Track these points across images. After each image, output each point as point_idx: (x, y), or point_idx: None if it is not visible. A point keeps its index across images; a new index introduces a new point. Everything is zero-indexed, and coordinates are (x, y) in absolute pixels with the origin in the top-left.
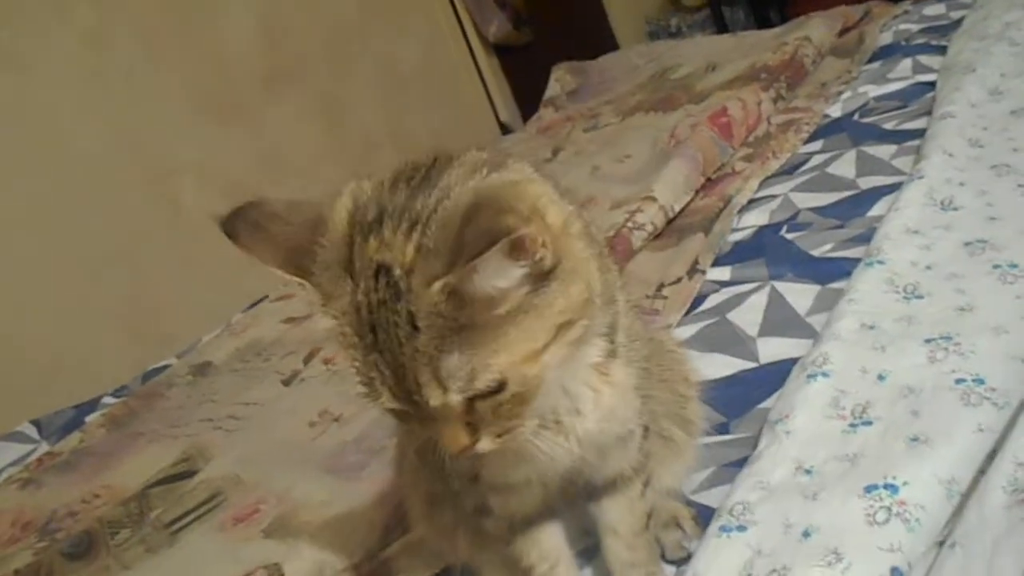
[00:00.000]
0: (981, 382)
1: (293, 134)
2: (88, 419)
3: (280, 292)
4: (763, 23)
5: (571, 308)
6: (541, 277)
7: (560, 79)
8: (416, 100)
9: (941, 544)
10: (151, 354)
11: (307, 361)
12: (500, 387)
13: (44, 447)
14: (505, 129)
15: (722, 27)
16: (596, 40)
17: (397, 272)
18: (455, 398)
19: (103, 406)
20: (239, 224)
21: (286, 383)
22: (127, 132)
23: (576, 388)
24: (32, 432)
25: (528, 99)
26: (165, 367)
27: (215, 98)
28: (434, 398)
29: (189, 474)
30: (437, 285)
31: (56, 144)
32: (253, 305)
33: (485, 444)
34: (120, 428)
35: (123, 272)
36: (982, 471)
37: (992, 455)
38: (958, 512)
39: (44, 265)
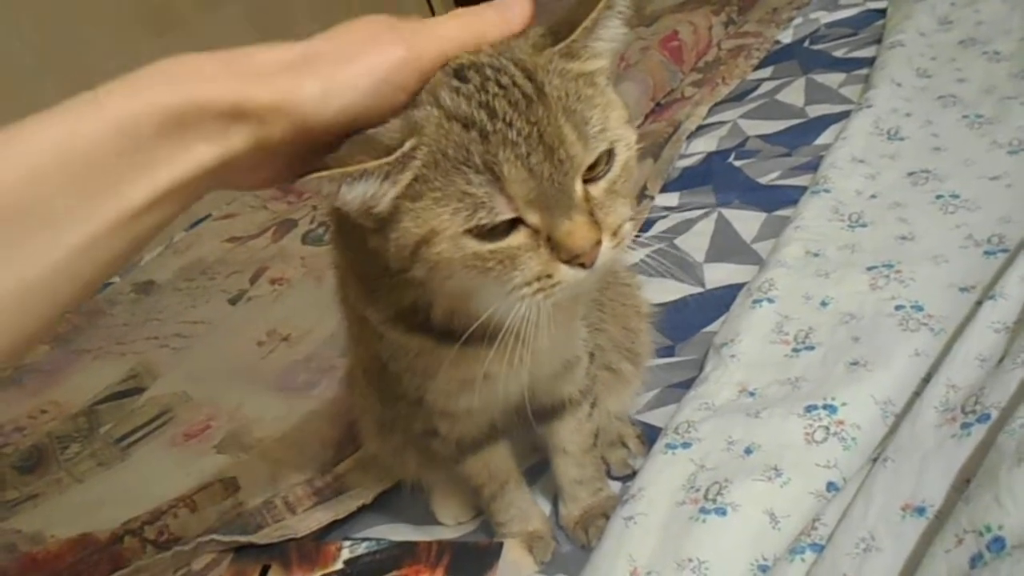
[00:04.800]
0: (920, 309)
1: (230, 46)
2: None
3: (223, 211)
4: None
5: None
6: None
7: None
8: (356, 12)
9: (875, 460)
10: None
11: (253, 280)
12: (611, 153)
13: None
14: None
15: None
16: None
17: (505, 60)
18: (593, 148)
19: None
20: None
21: (232, 302)
22: (57, 45)
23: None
24: None
25: None
26: (106, 285)
27: (149, 7)
28: (578, 154)
29: (137, 391)
30: (558, 48)
31: None
32: (195, 224)
33: (607, 246)
34: (64, 345)
35: None
36: (917, 393)
37: (927, 378)
38: (892, 431)
39: None
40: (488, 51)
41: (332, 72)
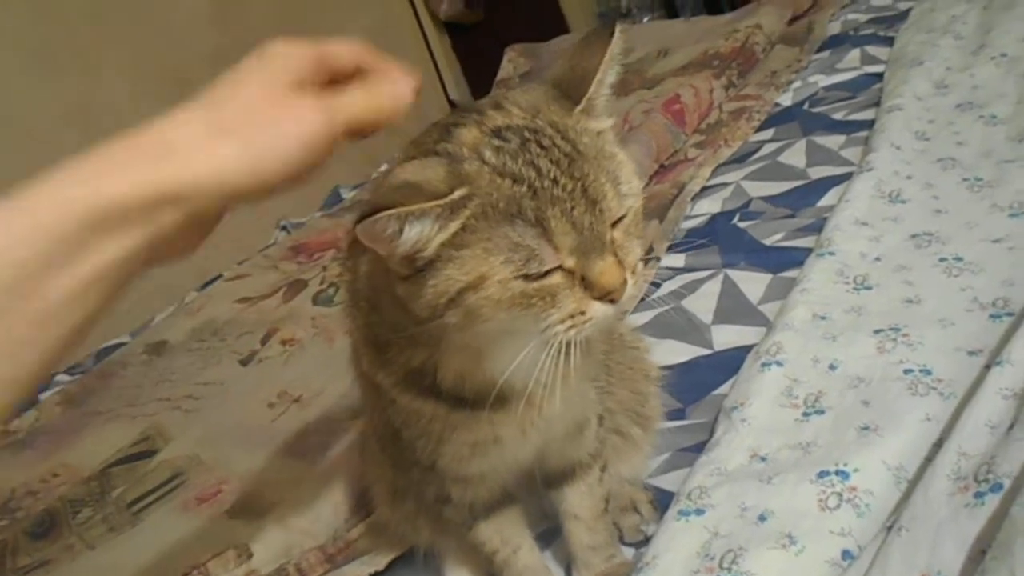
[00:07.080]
0: (928, 373)
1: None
2: (43, 397)
3: (234, 271)
4: (712, 8)
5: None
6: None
7: (513, 60)
8: None
9: (889, 528)
10: (103, 332)
11: (264, 341)
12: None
13: None
14: (454, 107)
15: (672, 11)
16: (547, 19)
17: (540, 122)
18: (626, 204)
19: (57, 384)
20: None
21: (244, 363)
22: (74, 108)
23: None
24: None
25: (477, 78)
26: (119, 345)
27: (164, 73)
28: (614, 206)
29: (149, 454)
30: (579, 108)
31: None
32: (207, 284)
33: (629, 283)
34: (76, 406)
35: None
36: (928, 459)
37: (939, 444)
38: (905, 497)
39: None
40: (518, 113)
41: (251, 138)
